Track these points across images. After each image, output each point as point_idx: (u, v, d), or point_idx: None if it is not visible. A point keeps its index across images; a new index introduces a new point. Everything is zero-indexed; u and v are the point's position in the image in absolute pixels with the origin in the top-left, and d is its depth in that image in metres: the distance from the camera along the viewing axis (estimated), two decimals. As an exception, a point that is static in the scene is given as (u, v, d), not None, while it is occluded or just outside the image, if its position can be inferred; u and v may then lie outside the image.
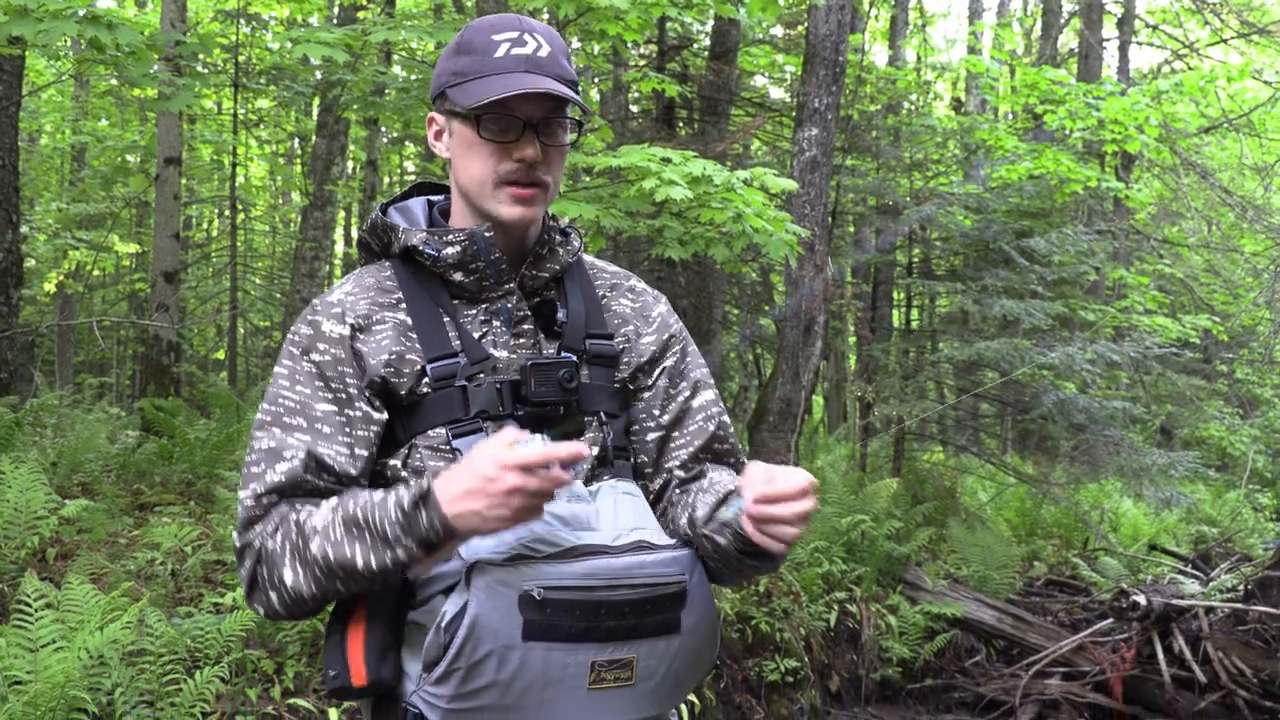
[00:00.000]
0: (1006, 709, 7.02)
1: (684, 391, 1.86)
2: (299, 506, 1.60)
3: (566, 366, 1.69)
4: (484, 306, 1.75)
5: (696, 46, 12.60)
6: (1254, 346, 16.06)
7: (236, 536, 1.62)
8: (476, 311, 1.74)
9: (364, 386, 1.67)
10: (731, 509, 1.53)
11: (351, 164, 18.26)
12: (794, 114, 9.59)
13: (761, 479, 1.53)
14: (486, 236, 1.71)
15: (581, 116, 1.72)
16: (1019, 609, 7.88)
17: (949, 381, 11.67)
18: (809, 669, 6.70)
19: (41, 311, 16.96)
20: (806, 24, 9.37)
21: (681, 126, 11.75)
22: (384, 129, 14.32)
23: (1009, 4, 20.22)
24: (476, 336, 1.72)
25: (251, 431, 1.66)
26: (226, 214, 18.50)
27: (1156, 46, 17.55)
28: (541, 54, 1.68)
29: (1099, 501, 11.79)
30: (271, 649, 4.60)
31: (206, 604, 4.75)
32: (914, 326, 15.60)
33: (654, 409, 1.84)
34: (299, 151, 20.86)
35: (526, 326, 1.74)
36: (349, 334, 1.69)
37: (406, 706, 1.56)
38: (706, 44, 12.24)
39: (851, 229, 14.27)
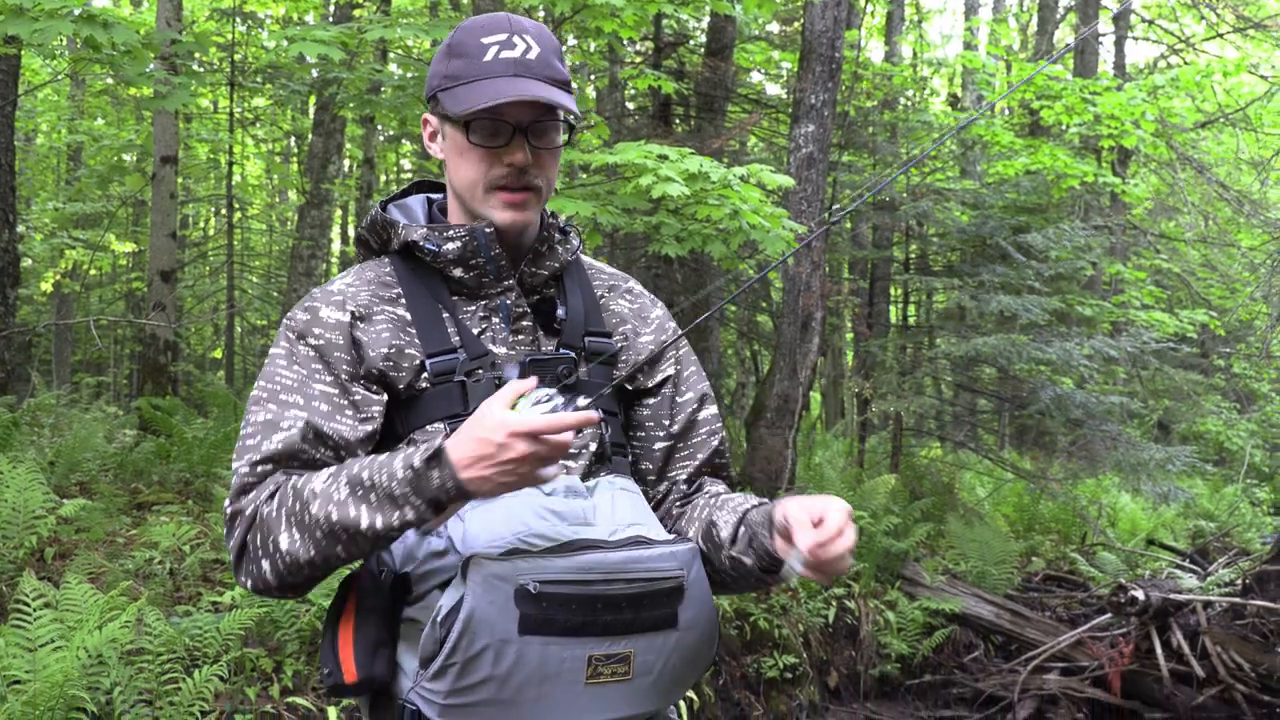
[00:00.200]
0: (1005, 704, 7.03)
1: (691, 403, 1.88)
2: (296, 474, 1.58)
3: (565, 363, 1.70)
4: (483, 303, 1.75)
5: (692, 43, 12.59)
6: (1251, 341, 16.08)
7: (228, 504, 1.60)
8: (475, 308, 1.74)
9: (361, 375, 1.67)
10: (794, 566, 1.52)
11: (348, 162, 18.25)
12: (790, 110, 9.59)
13: (805, 520, 1.53)
14: (487, 233, 1.71)
15: (573, 119, 1.72)
16: (1017, 604, 7.89)
17: (946, 377, 11.68)
18: (808, 665, 6.71)
19: (38, 311, 16.94)
20: (802, 20, 9.36)
21: (678, 123, 11.74)
22: (380, 127, 14.32)
23: (1004, -1, 20.24)
24: (475, 332, 1.72)
25: (248, 406, 1.65)
26: (223, 213, 18.47)
27: (1153, 41, 17.56)
28: (530, 56, 1.68)
29: (1097, 497, 11.80)
30: (270, 647, 4.60)
31: (205, 603, 4.75)
32: (911, 322, 15.61)
33: (663, 418, 1.85)
34: (295, 150, 20.85)
35: (525, 323, 1.75)
36: (349, 321, 1.68)
37: (404, 704, 1.56)
38: (702, 41, 12.24)
39: (848, 225, 14.27)
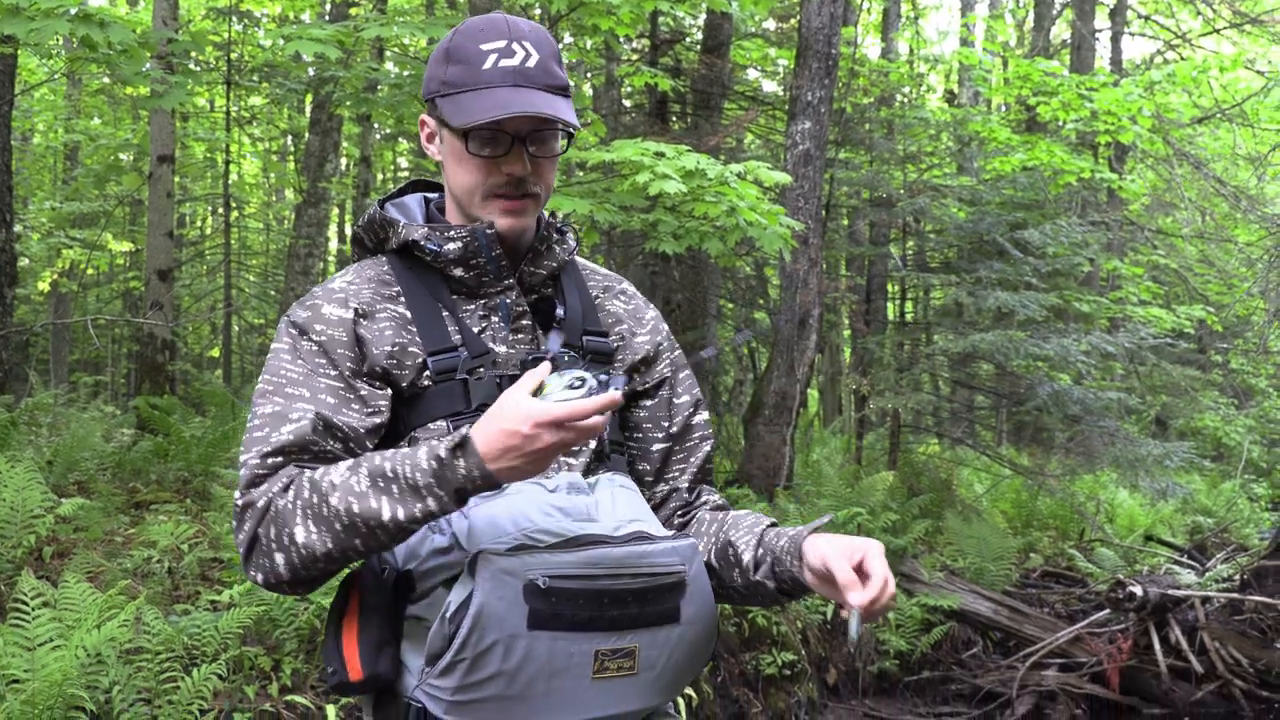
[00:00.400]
0: (1003, 701, 7.03)
1: (688, 406, 1.90)
2: (309, 467, 1.58)
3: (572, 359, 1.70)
4: (482, 302, 1.75)
5: (689, 41, 12.60)
6: (1248, 336, 16.08)
7: (238, 496, 1.59)
8: (475, 306, 1.75)
9: (364, 372, 1.67)
10: (856, 627, 1.54)
11: (345, 161, 18.24)
12: (787, 107, 9.59)
13: (845, 567, 1.55)
14: (488, 234, 1.71)
15: (570, 127, 1.71)
16: (1015, 601, 7.89)
17: (944, 374, 11.70)
18: (806, 662, 6.71)
19: (36, 310, 16.93)
20: (799, 17, 9.36)
21: (675, 121, 11.74)
22: (377, 125, 14.31)
23: (1001, -4, 20.21)
24: (475, 331, 1.73)
25: (253, 400, 1.65)
26: (220, 211, 18.44)
27: (1149, 37, 17.57)
28: (530, 64, 1.67)
29: (1094, 493, 11.81)
30: (269, 646, 4.60)
31: (203, 601, 4.74)
32: (909, 319, 15.62)
33: (661, 420, 1.87)
34: (292, 149, 20.83)
35: (525, 322, 1.76)
36: (352, 318, 1.69)
37: (409, 701, 1.57)
38: (699, 38, 12.24)
39: (846, 222, 14.29)
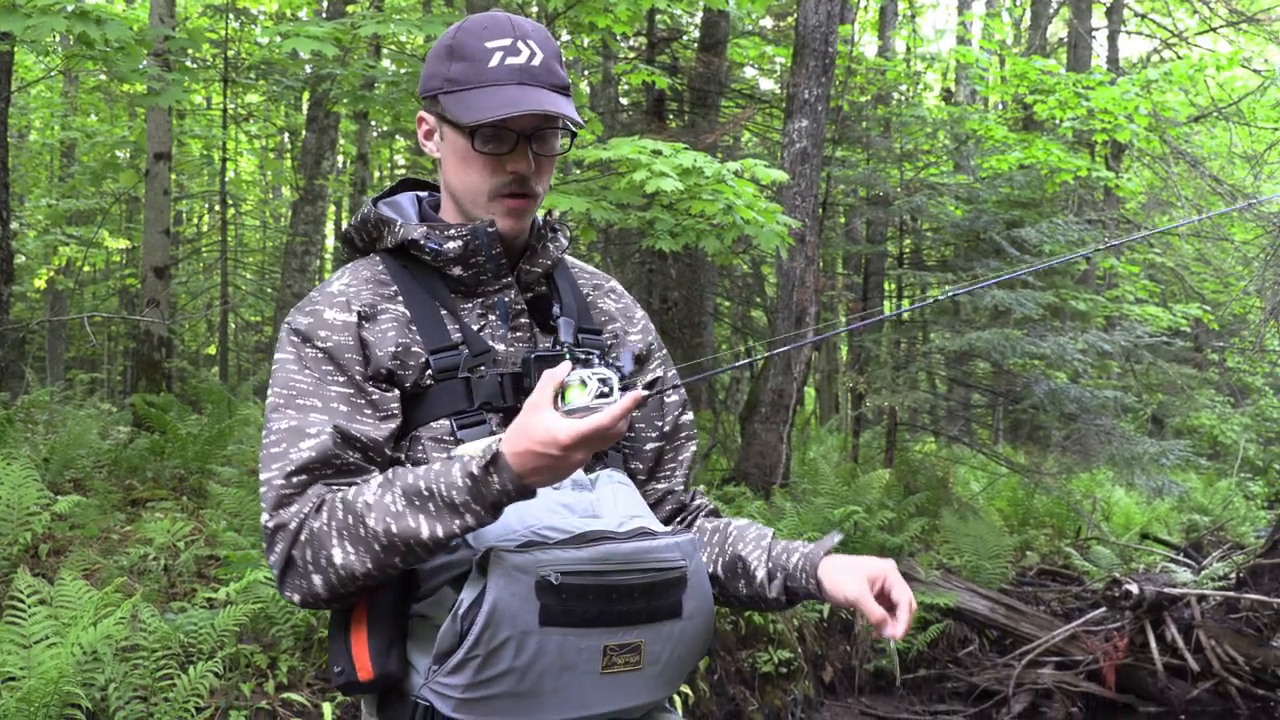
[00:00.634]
0: (1000, 699, 7.04)
1: (677, 406, 1.92)
2: (337, 487, 1.59)
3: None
4: (480, 300, 1.76)
5: (686, 38, 12.60)
6: (1245, 335, 16.11)
7: (268, 517, 1.59)
8: (473, 305, 1.76)
9: (370, 375, 1.67)
10: (894, 650, 1.64)
11: (342, 158, 18.22)
12: (784, 105, 9.59)
13: (866, 591, 1.68)
14: (489, 232, 1.72)
15: (575, 126, 1.72)
16: (1012, 599, 7.90)
17: (940, 372, 11.71)
18: (802, 660, 6.71)
19: (32, 308, 16.91)
20: (796, 15, 9.36)
21: (671, 118, 11.74)
22: (374, 123, 14.29)
23: (998, -6, 20.21)
24: (475, 330, 1.74)
25: (266, 414, 1.65)
26: (217, 209, 18.43)
27: (1145, 35, 17.58)
28: (535, 63, 1.68)
29: (1091, 491, 11.82)
30: (265, 643, 4.60)
31: (200, 599, 4.75)
32: (905, 317, 15.61)
33: (654, 419, 1.89)
34: (289, 146, 20.82)
35: (523, 320, 1.76)
36: (355, 321, 1.69)
37: (416, 700, 1.56)
38: (696, 36, 12.24)
39: (842, 220, 14.29)
